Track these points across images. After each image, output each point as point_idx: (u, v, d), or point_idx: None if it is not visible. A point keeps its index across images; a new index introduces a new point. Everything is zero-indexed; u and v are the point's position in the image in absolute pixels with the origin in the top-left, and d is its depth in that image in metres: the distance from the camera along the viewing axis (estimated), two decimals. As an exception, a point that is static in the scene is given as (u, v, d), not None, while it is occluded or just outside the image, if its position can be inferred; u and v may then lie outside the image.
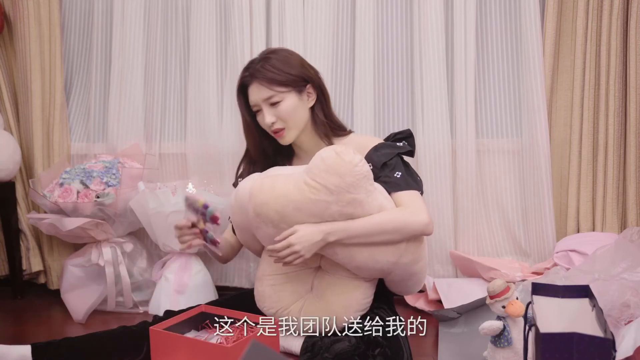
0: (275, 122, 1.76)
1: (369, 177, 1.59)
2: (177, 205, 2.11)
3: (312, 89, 1.80)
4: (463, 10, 2.27)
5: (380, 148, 1.77)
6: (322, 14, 2.32)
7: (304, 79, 1.78)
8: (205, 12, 2.38)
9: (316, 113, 1.81)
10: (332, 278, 1.67)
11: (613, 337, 1.16)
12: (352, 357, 1.47)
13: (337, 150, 1.55)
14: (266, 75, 1.73)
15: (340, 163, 1.53)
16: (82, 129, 2.56)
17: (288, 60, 1.78)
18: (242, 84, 1.81)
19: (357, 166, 1.54)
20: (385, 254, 1.61)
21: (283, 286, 1.70)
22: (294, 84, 1.75)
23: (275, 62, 1.76)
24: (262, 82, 1.74)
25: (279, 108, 1.74)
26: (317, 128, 1.81)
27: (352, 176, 1.53)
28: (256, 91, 1.76)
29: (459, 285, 2.21)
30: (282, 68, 1.75)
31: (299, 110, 1.77)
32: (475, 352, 1.67)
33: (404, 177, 1.71)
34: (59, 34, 2.46)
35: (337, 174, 1.52)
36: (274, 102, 1.74)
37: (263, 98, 1.75)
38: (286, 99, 1.75)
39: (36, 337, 1.73)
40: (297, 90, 1.76)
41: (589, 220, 2.29)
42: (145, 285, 2.31)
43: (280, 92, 1.74)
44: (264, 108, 1.76)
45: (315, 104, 1.81)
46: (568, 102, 2.30)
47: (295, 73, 1.76)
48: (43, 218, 2.24)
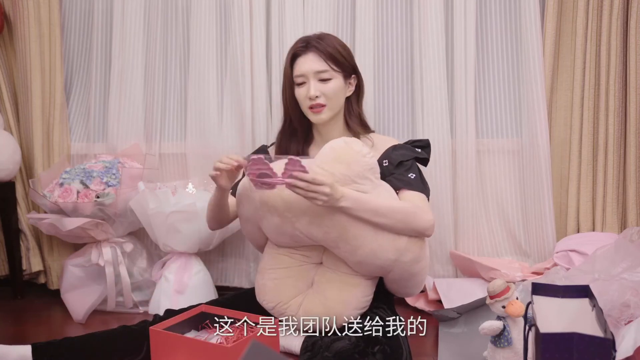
0: (319, 96, 1.78)
1: (375, 171, 1.63)
2: (177, 205, 2.11)
3: (355, 80, 1.86)
4: (463, 10, 2.27)
5: (400, 148, 1.82)
6: (322, 14, 2.32)
7: (353, 67, 1.85)
8: (205, 12, 2.38)
9: (351, 103, 1.87)
10: (333, 274, 1.68)
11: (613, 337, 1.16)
12: (352, 355, 1.47)
13: (347, 140, 1.61)
14: (325, 48, 1.78)
15: (350, 152, 1.58)
16: (82, 129, 2.56)
17: (344, 45, 1.85)
18: (294, 54, 1.82)
19: (365, 157, 1.59)
20: (386, 251, 1.61)
21: (284, 280, 1.70)
22: (346, 68, 1.82)
23: (333, 41, 1.82)
24: (320, 54, 1.78)
25: (327, 85, 1.78)
26: (349, 118, 1.86)
27: (360, 165, 1.58)
28: (312, 61, 1.78)
29: (459, 285, 2.21)
30: (340, 50, 1.81)
31: (341, 95, 1.83)
32: (475, 352, 1.67)
33: (417, 180, 1.75)
34: (59, 34, 2.46)
35: (345, 162, 1.57)
36: (324, 77, 1.78)
37: (315, 70, 1.77)
38: (335, 79, 1.79)
39: (36, 337, 1.74)
40: (344, 75, 1.82)
41: (589, 220, 2.29)
42: (145, 285, 2.31)
43: (334, 71, 1.79)
44: (312, 81, 1.78)
45: (352, 95, 1.87)
46: (568, 102, 2.30)
47: (348, 59, 1.84)
48: (43, 218, 2.24)
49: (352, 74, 1.85)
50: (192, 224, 2.13)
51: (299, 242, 1.68)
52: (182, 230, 2.14)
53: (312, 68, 1.77)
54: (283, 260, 1.72)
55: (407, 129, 2.38)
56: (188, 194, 2.17)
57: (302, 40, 1.83)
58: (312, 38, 1.82)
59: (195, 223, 2.13)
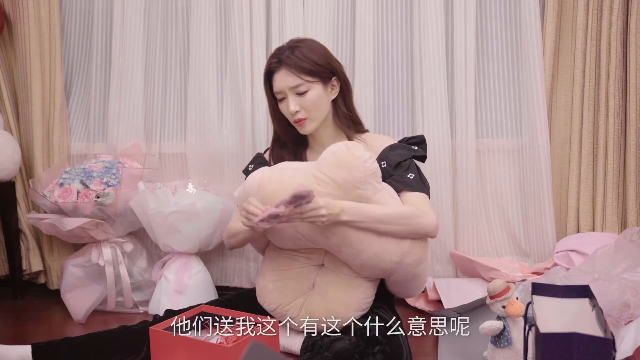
0: (299, 111, 1.76)
1: (377, 175, 1.61)
2: (177, 205, 2.11)
3: (337, 81, 1.82)
4: (463, 10, 2.27)
5: (396, 148, 1.80)
6: (322, 14, 2.32)
7: (330, 70, 1.79)
8: (205, 12, 2.38)
9: (339, 105, 1.83)
10: (334, 276, 1.68)
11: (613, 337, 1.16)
12: (352, 355, 1.47)
13: (348, 145, 1.58)
14: (296, 63, 1.74)
15: (351, 158, 1.55)
16: (82, 129, 2.56)
17: (317, 51, 1.79)
18: (269, 71, 1.81)
19: (367, 162, 1.57)
20: (390, 253, 1.61)
21: (285, 282, 1.70)
22: (321, 74, 1.77)
23: (305, 50, 1.76)
24: (290, 70, 1.74)
25: (305, 98, 1.75)
26: (339, 120, 1.83)
27: (361, 172, 1.56)
28: (283, 78, 1.76)
29: (459, 285, 2.21)
30: (312, 57, 1.76)
31: (323, 102, 1.79)
32: (475, 352, 1.67)
33: (416, 179, 1.73)
34: (59, 34, 2.46)
35: (346, 168, 1.55)
36: (300, 91, 1.75)
37: (290, 86, 1.75)
38: (312, 89, 1.76)
39: (36, 337, 1.73)
40: (322, 82, 1.78)
41: (589, 220, 2.29)
42: (145, 285, 2.31)
43: (308, 82, 1.75)
44: (290, 96, 1.76)
45: (338, 97, 1.83)
46: (568, 102, 2.30)
47: (323, 64, 1.77)
48: (43, 218, 2.24)
49: (331, 77, 1.80)
50: (192, 224, 2.13)
51: (301, 245, 1.68)
52: (182, 230, 2.14)
53: (286, 84, 1.75)
54: (284, 262, 1.71)
55: (407, 129, 2.38)
56: (188, 194, 2.17)
57: (274, 56, 1.80)
58: (283, 52, 1.78)
59: (195, 223, 2.13)
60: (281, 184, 1.58)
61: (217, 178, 2.40)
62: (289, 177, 1.59)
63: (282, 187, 1.56)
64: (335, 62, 1.83)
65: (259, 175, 1.65)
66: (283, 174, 1.62)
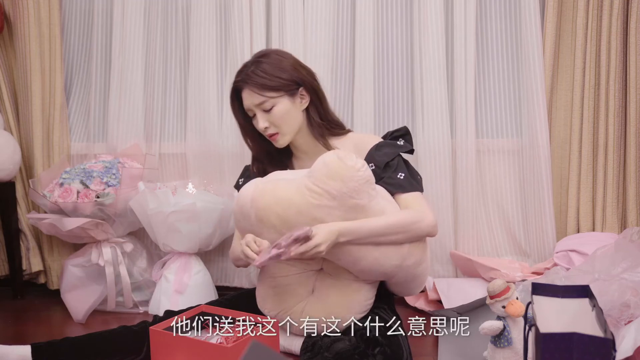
0: (268, 127, 1.75)
1: (371, 182, 1.58)
2: (177, 205, 2.11)
3: (305, 91, 1.77)
4: (463, 10, 2.27)
5: (382, 147, 1.76)
6: (322, 14, 2.32)
7: (296, 82, 1.75)
8: (205, 12, 2.38)
9: (311, 115, 1.79)
10: (334, 280, 1.67)
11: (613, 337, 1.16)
12: (352, 356, 1.47)
13: (340, 155, 1.54)
14: (257, 81, 1.71)
15: (343, 168, 1.52)
16: (82, 129, 2.56)
17: (280, 64, 1.75)
18: (235, 88, 1.80)
19: (360, 171, 1.53)
20: (390, 258, 1.60)
21: (284, 288, 1.69)
22: (285, 88, 1.73)
23: (266, 66, 1.73)
24: (253, 89, 1.72)
25: (272, 113, 1.73)
26: (312, 130, 1.80)
27: (355, 181, 1.52)
28: (248, 97, 1.75)
29: (459, 285, 2.21)
30: (273, 72, 1.72)
31: (292, 114, 1.76)
32: (475, 352, 1.67)
33: (407, 179, 1.71)
34: (59, 34, 2.46)
35: (340, 179, 1.51)
36: (266, 108, 1.73)
37: (255, 104, 1.74)
38: (278, 104, 1.73)
39: (36, 337, 1.73)
40: (289, 94, 1.74)
41: (589, 220, 2.29)
42: (145, 285, 2.31)
43: (272, 98, 1.72)
44: (257, 113, 1.75)
45: (309, 106, 1.79)
46: (568, 102, 2.30)
47: (286, 77, 1.73)
48: (43, 218, 2.24)
49: (298, 88, 1.75)
50: (192, 224, 2.13)
51: None
52: (182, 230, 2.14)
53: (252, 102, 1.74)
54: (283, 268, 1.70)
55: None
56: (188, 194, 2.17)
57: (239, 74, 1.77)
58: (247, 70, 1.74)
59: (195, 223, 2.13)
60: (274, 197, 1.56)
61: (217, 178, 2.40)
62: (283, 190, 1.56)
63: (275, 201, 1.55)
64: (301, 71, 1.76)
65: (252, 187, 1.61)
66: (276, 185, 1.58)
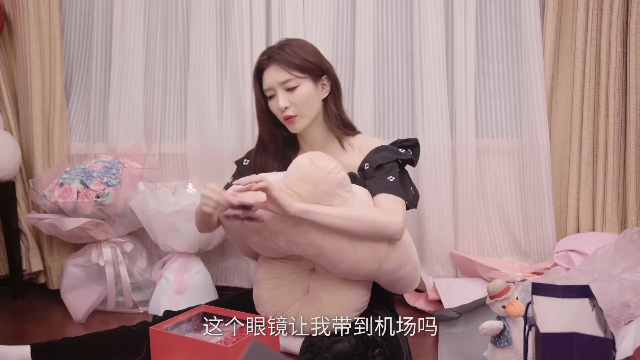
0: (288, 107, 1.75)
1: (344, 185, 1.57)
2: (177, 205, 2.11)
3: (327, 80, 1.81)
4: (463, 10, 2.27)
5: (381, 150, 1.76)
6: (322, 14, 2.32)
7: (321, 68, 1.79)
8: (205, 12, 2.38)
9: (329, 106, 1.82)
10: (325, 280, 1.67)
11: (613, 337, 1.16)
12: (351, 357, 1.47)
13: (312, 157, 1.55)
14: (285, 57, 1.74)
15: (315, 170, 1.52)
16: (82, 129, 2.57)
17: (307, 48, 1.79)
18: (258, 68, 1.80)
19: (331, 173, 1.53)
20: (366, 262, 1.59)
21: (280, 290, 1.69)
22: (311, 71, 1.76)
23: (295, 47, 1.77)
24: (280, 65, 1.74)
25: (295, 93, 1.74)
26: (329, 121, 1.81)
27: (327, 183, 1.53)
28: (273, 74, 1.75)
29: (459, 285, 2.21)
30: (302, 54, 1.76)
31: (313, 99, 1.77)
32: (475, 352, 1.67)
33: (395, 183, 1.68)
34: (59, 34, 2.46)
35: (311, 181, 1.52)
36: (290, 86, 1.74)
37: (280, 81, 1.74)
38: (302, 85, 1.75)
39: (36, 337, 1.74)
40: (313, 79, 1.77)
41: (589, 220, 2.29)
42: (145, 285, 2.31)
43: (298, 77, 1.74)
44: (279, 92, 1.75)
45: (328, 97, 1.82)
46: (568, 102, 2.30)
47: (313, 60, 1.77)
48: (43, 218, 2.24)
49: (322, 75, 1.79)
50: (192, 224, 2.12)
51: (285, 255, 1.67)
52: (182, 230, 2.14)
53: (276, 80, 1.74)
54: (276, 270, 1.70)
55: (407, 129, 2.38)
56: (188, 194, 2.17)
57: (264, 53, 1.80)
58: (273, 49, 1.78)
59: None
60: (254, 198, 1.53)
61: (217, 178, 2.39)
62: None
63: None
64: (326, 62, 1.82)
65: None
66: None
